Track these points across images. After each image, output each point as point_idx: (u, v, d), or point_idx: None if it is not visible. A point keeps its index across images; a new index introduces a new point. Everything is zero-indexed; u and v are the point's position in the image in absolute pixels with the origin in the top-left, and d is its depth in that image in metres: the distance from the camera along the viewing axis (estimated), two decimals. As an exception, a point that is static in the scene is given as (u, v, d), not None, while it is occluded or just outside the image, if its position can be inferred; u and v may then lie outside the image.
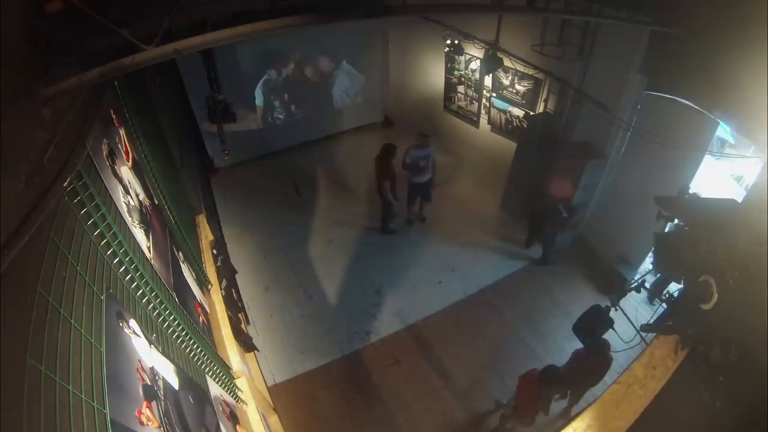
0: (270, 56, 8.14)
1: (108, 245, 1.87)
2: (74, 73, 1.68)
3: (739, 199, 3.56)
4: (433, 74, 9.16)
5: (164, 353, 2.10)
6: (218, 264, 4.48)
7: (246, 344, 4.50)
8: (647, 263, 6.53)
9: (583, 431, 3.14)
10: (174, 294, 2.68)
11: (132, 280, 2.03)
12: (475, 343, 5.94)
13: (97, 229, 1.81)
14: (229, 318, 3.85)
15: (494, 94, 8.08)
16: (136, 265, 2.08)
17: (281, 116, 8.89)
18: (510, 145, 7.72)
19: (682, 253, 2.86)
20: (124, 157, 2.65)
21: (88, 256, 1.71)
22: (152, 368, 1.88)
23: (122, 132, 2.76)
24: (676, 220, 3.38)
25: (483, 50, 6.75)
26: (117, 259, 1.92)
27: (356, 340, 5.95)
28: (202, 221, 4.98)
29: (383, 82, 9.65)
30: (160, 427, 1.72)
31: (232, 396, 3.02)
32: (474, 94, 8.54)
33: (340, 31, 8.22)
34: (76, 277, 1.55)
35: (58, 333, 1.34)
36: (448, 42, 7.58)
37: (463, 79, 8.59)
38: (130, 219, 2.33)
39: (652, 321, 3.79)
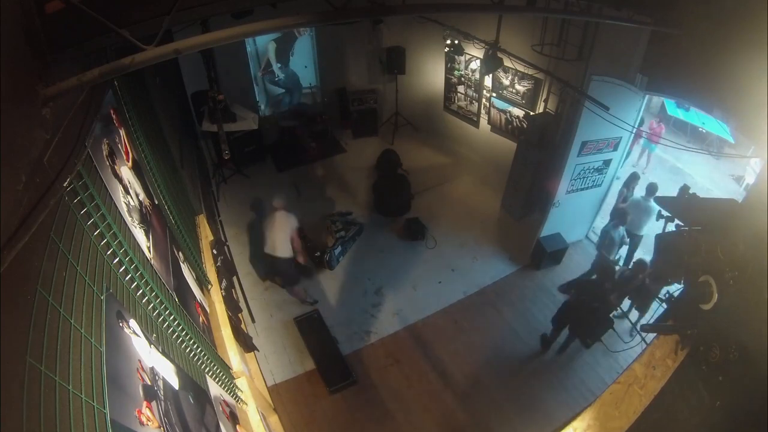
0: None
1: (108, 245, 1.87)
2: (74, 73, 1.68)
3: (739, 199, 3.55)
4: (433, 74, 9.16)
5: (164, 353, 2.10)
6: (218, 264, 4.48)
7: (246, 344, 4.49)
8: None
9: (583, 431, 3.14)
10: (174, 294, 2.68)
11: (132, 280, 2.03)
12: (475, 342, 5.94)
13: (97, 229, 1.81)
14: (229, 318, 3.85)
15: (494, 94, 8.08)
16: (136, 265, 2.08)
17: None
18: (510, 145, 7.72)
19: (682, 253, 2.85)
20: (124, 157, 2.65)
21: (88, 256, 1.71)
22: (152, 368, 1.88)
23: (122, 132, 2.75)
24: (676, 221, 3.37)
25: (483, 50, 6.74)
26: (117, 259, 1.92)
27: (356, 340, 5.95)
28: (202, 221, 4.98)
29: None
30: (160, 427, 1.72)
31: (232, 396, 3.02)
32: (474, 94, 8.54)
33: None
34: (76, 277, 1.55)
35: (58, 333, 1.34)
36: (448, 42, 7.58)
37: (463, 79, 8.59)
38: (130, 219, 2.33)
39: (652, 321, 3.78)
